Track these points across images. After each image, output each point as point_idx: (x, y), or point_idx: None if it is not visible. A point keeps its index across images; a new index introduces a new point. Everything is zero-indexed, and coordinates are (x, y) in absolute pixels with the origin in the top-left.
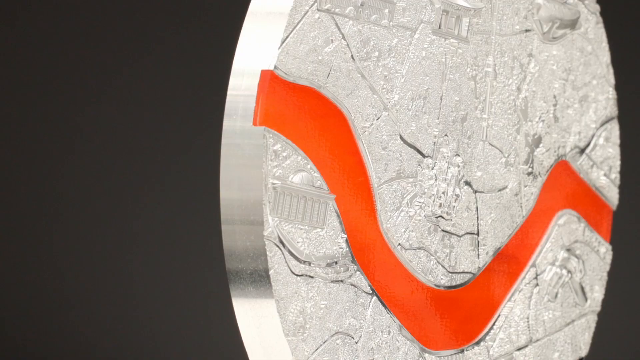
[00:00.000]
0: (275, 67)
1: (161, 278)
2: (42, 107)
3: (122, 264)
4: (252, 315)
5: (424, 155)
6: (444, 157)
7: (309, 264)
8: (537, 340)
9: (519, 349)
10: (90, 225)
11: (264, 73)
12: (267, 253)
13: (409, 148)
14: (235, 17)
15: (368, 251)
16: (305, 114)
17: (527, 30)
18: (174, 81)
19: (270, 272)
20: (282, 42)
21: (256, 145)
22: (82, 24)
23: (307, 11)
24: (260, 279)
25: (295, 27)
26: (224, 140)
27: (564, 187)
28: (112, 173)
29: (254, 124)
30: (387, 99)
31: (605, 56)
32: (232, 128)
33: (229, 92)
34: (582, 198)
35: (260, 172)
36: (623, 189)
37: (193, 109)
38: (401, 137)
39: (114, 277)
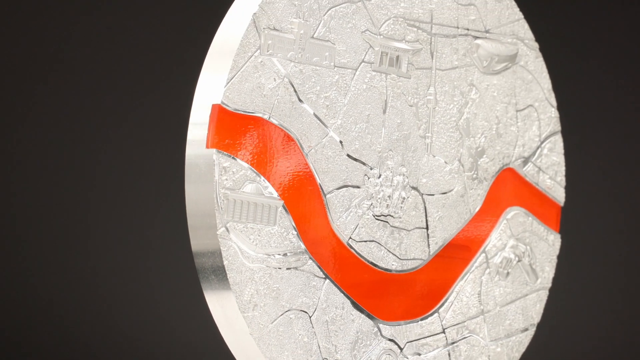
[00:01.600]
0: (222, 102)
1: (146, 275)
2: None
3: (115, 263)
4: (216, 297)
5: (370, 167)
6: (389, 168)
7: (262, 255)
8: (488, 311)
9: (470, 319)
10: (87, 227)
11: (213, 106)
12: (221, 248)
13: (355, 161)
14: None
15: (320, 245)
16: (253, 137)
17: (466, 66)
18: (151, 115)
19: (225, 263)
20: (228, 82)
21: (208, 164)
22: (55, 51)
23: (251, 56)
24: (218, 269)
25: (239, 70)
26: (187, 161)
27: (511, 188)
28: (101, 187)
29: (207, 147)
30: (331, 123)
31: (547, 83)
32: (193, 151)
33: (190, 121)
34: (530, 197)
35: (212, 185)
36: (574, 185)
37: (167, 135)
38: (347, 155)
39: (108, 276)
